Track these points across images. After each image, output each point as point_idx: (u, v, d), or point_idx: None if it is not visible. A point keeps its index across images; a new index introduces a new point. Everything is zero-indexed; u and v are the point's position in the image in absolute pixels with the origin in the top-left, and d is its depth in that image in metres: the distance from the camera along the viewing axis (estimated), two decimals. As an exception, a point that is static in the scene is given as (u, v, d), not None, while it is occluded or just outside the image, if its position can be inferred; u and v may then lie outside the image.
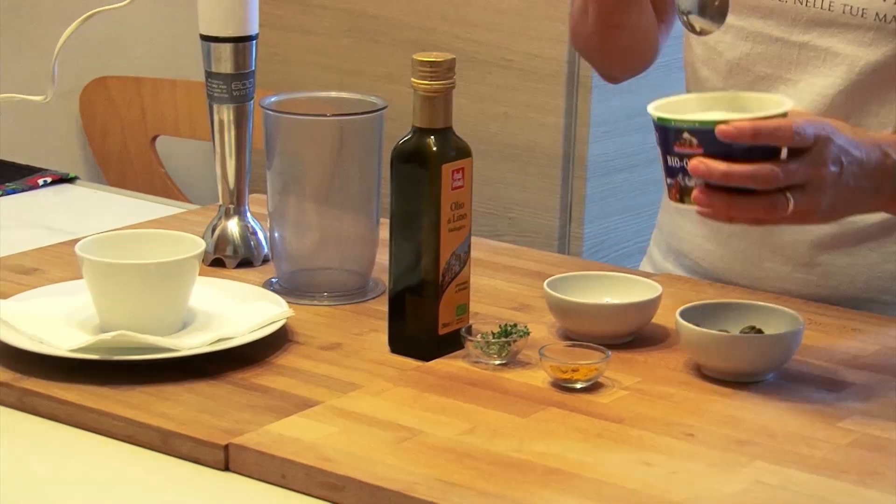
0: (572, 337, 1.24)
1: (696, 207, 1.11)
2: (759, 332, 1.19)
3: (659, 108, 1.13)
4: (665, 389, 1.16)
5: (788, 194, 1.11)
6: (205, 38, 1.39)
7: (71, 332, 1.21)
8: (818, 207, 1.13)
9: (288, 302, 1.28)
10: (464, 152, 1.20)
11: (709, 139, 1.09)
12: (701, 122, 1.10)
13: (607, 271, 1.33)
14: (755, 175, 1.10)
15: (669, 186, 1.13)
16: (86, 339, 1.18)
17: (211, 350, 1.19)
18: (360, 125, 1.33)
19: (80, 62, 2.37)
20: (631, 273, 1.34)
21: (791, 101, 1.16)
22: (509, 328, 1.20)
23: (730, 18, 1.32)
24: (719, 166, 1.09)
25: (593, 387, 1.16)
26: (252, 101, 1.41)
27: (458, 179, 1.20)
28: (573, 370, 1.15)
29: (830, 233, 1.36)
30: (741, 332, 1.19)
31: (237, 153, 1.41)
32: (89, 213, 1.64)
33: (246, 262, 1.42)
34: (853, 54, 1.31)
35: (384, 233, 1.25)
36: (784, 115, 1.13)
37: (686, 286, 1.38)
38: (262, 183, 1.36)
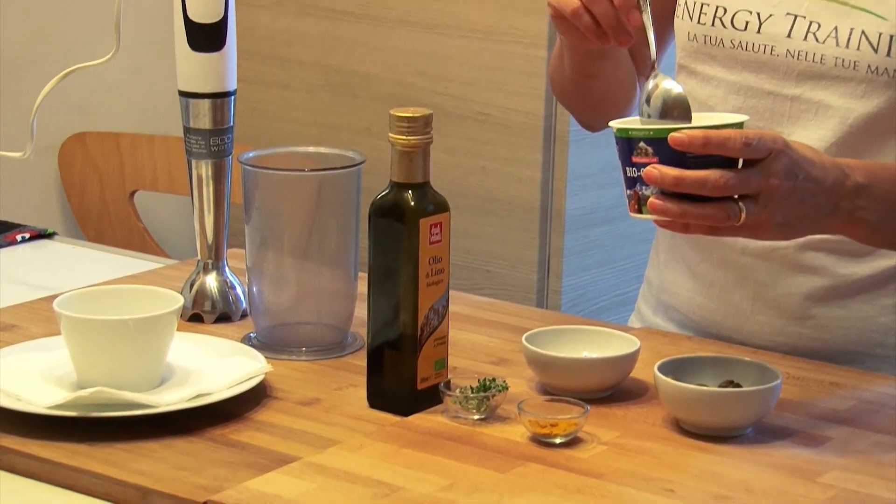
0: (551, 391, 1.24)
1: (653, 217, 1.14)
2: (738, 386, 1.19)
3: (621, 124, 1.16)
4: (644, 444, 1.16)
5: (741, 204, 1.13)
6: (183, 94, 1.39)
7: (49, 388, 1.20)
8: (772, 220, 1.15)
9: (266, 357, 1.27)
10: (441, 207, 1.21)
11: (663, 148, 1.12)
12: (656, 132, 1.13)
13: (586, 325, 1.33)
14: (705, 181, 1.12)
15: (629, 199, 1.16)
16: (64, 395, 1.18)
17: (189, 406, 1.18)
18: (339, 180, 1.33)
19: (59, 118, 2.37)
20: (609, 327, 1.35)
21: (748, 117, 1.17)
22: (488, 383, 1.20)
23: (721, 72, 1.36)
24: (671, 172, 1.12)
25: (573, 442, 1.15)
26: (230, 157, 1.41)
27: (436, 234, 1.20)
28: (552, 425, 1.15)
29: (824, 286, 1.35)
30: (719, 386, 1.19)
31: (216, 208, 1.42)
32: (68, 268, 1.63)
33: (224, 317, 1.42)
34: (845, 107, 1.31)
35: (363, 287, 1.25)
36: (739, 125, 1.15)
37: (664, 340, 1.38)
38: (241, 237, 1.36)
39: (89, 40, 2.39)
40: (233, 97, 1.40)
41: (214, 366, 1.25)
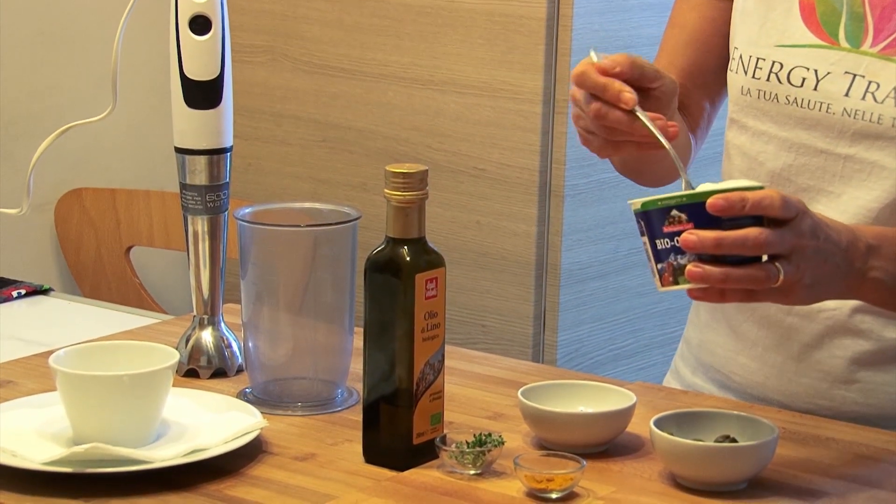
0: (547, 446, 1.24)
1: (690, 286, 1.13)
2: (734, 441, 1.19)
3: (645, 198, 1.15)
4: (640, 499, 1.16)
5: (777, 264, 1.13)
6: (179, 151, 1.40)
7: (44, 444, 1.20)
8: (802, 281, 1.14)
9: (262, 412, 1.28)
10: (437, 262, 1.21)
11: (698, 212, 1.12)
12: (689, 197, 1.13)
13: (582, 380, 1.33)
14: (745, 240, 1.12)
15: (661, 272, 1.14)
16: (59, 451, 1.18)
17: (185, 462, 1.18)
18: (334, 235, 1.34)
19: (56, 174, 2.38)
20: (605, 382, 1.35)
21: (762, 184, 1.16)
22: (484, 437, 1.20)
23: (774, 128, 1.36)
24: (711, 234, 1.12)
25: (569, 496, 1.15)
26: (227, 212, 1.42)
27: (432, 289, 1.21)
28: (548, 480, 1.15)
29: (870, 349, 1.34)
30: (715, 441, 1.19)
31: (211, 264, 1.42)
32: (63, 324, 1.63)
33: (220, 373, 1.42)
34: None
35: (358, 342, 1.26)
36: (761, 187, 1.15)
37: (660, 395, 1.38)
38: (237, 292, 1.37)
39: (86, 97, 2.40)
40: (229, 153, 1.41)
41: (210, 421, 1.25)
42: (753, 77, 1.36)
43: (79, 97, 2.41)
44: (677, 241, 1.12)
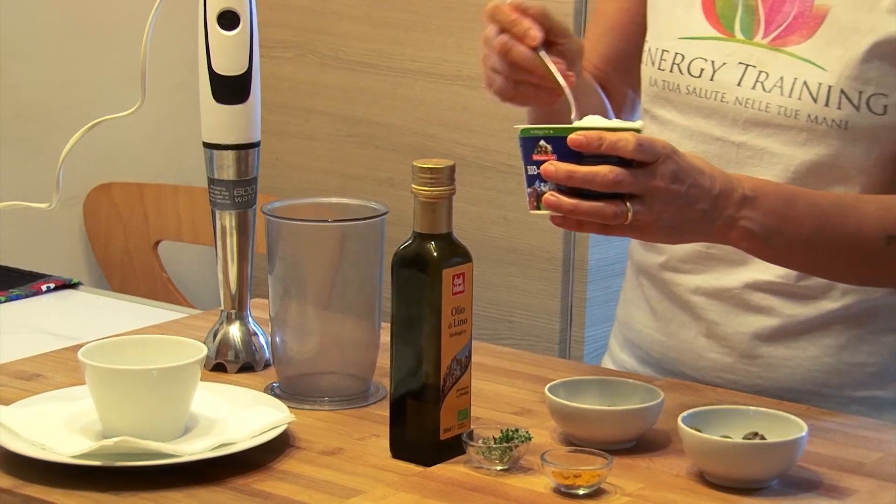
0: (574, 442, 1.23)
1: (548, 213, 1.21)
2: (762, 438, 1.18)
3: (525, 125, 1.22)
4: (668, 496, 1.15)
5: (628, 203, 1.20)
6: (207, 146, 1.40)
7: (73, 437, 1.20)
8: (658, 222, 1.21)
9: (289, 407, 1.28)
10: (464, 257, 1.21)
11: (561, 146, 1.20)
12: (555, 130, 1.20)
13: (609, 376, 1.33)
14: (595, 175, 1.19)
15: (529, 196, 1.22)
16: (88, 445, 1.18)
17: (213, 455, 1.18)
18: (362, 230, 1.33)
19: (85, 169, 2.39)
20: (633, 378, 1.34)
21: (643, 124, 1.24)
22: (511, 433, 1.20)
23: (677, 117, 1.43)
24: (565, 167, 1.19)
25: (596, 493, 1.15)
26: (254, 207, 1.42)
27: (459, 284, 1.20)
28: (576, 476, 1.14)
29: (770, 325, 1.40)
30: (744, 437, 1.19)
31: (239, 258, 1.42)
32: (92, 318, 1.64)
33: (247, 367, 1.42)
34: (788, 154, 1.36)
35: (385, 337, 1.26)
36: (637, 130, 1.21)
37: (688, 392, 1.38)
38: (264, 287, 1.37)
39: (115, 92, 2.41)
40: (257, 148, 1.41)
41: (238, 415, 1.25)
42: (659, 68, 1.43)
43: (108, 92, 2.42)
44: (540, 168, 1.20)
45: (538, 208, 1.21)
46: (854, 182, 1.36)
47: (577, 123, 1.22)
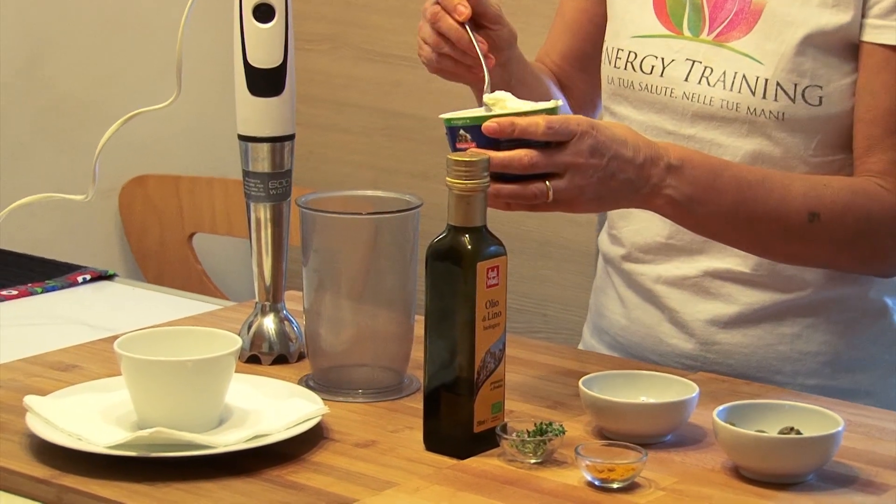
0: (608, 436, 1.23)
1: None
2: (798, 433, 1.18)
3: (449, 115, 1.25)
4: (703, 490, 1.15)
5: (548, 182, 1.24)
6: (242, 138, 1.41)
7: (109, 428, 1.21)
8: (583, 195, 1.25)
9: (323, 399, 1.28)
10: (499, 250, 1.21)
11: (478, 134, 1.23)
12: (472, 119, 1.24)
13: (644, 370, 1.33)
14: (511, 160, 1.23)
15: None
16: (123, 435, 1.18)
17: (247, 447, 1.18)
18: (396, 223, 1.33)
19: (120, 161, 2.40)
20: (668, 372, 1.34)
21: (561, 102, 1.27)
22: (545, 427, 1.19)
23: (633, 113, 1.48)
24: (483, 153, 1.21)
25: (630, 487, 1.15)
26: (289, 200, 1.42)
27: (494, 277, 1.20)
28: (610, 470, 1.14)
29: (728, 313, 1.45)
30: (779, 432, 1.18)
31: (274, 251, 1.42)
32: (128, 309, 1.65)
33: (281, 359, 1.42)
34: (733, 145, 1.41)
35: (419, 330, 1.26)
36: (553, 109, 1.25)
37: (723, 386, 1.37)
38: (299, 279, 1.37)
39: (151, 85, 2.42)
40: (292, 141, 1.42)
41: (272, 407, 1.25)
42: (615, 66, 1.48)
43: (143, 85, 2.43)
44: None
45: None
46: (797, 171, 1.40)
47: (486, 97, 1.27)
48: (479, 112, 1.26)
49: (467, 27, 1.35)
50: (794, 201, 1.34)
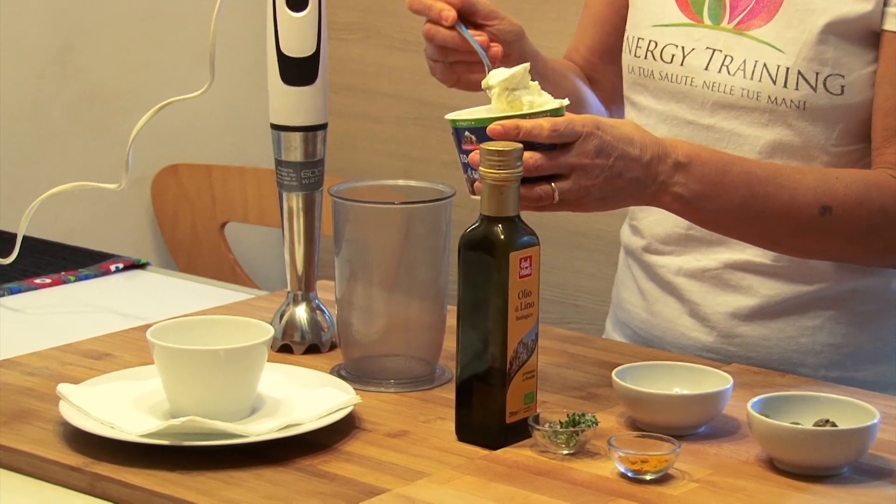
0: (641, 427, 1.23)
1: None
2: (833, 425, 1.17)
3: (460, 114, 1.26)
4: (737, 482, 1.14)
5: (553, 185, 1.24)
6: (275, 128, 1.41)
7: (141, 417, 1.21)
8: (589, 196, 1.25)
9: (355, 388, 1.28)
10: (532, 240, 1.21)
11: (483, 136, 1.23)
12: (476, 121, 1.24)
13: (677, 361, 1.32)
14: None
15: (466, 182, 1.26)
16: (156, 424, 1.19)
17: (279, 436, 1.19)
18: (428, 213, 1.33)
19: (153, 150, 2.41)
20: (702, 363, 1.33)
21: (567, 101, 1.27)
22: (577, 417, 1.19)
23: (652, 103, 1.48)
24: None
25: (663, 478, 1.14)
26: (321, 189, 1.43)
27: (526, 268, 1.20)
28: (643, 461, 1.14)
29: (748, 305, 1.44)
30: (814, 424, 1.17)
31: (306, 240, 1.43)
32: (160, 298, 1.65)
33: (313, 349, 1.42)
34: (753, 135, 1.41)
35: (452, 320, 1.25)
36: (558, 110, 1.25)
37: (757, 378, 1.36)
38: (331, 269, 1.37)
39: (183, 73, 2.43)
40: (324, 130, 1.42)
41: (304, 397, 1.26)
42: (635, 56, 1.48)
43: (176, 73, 2.44)
44: (469, 158, 1.24)
45: (474, 193, 1.24)
46: (818, 162, 1.39)
47: (484, 82, 1.26)
48: (484, 113, 1.26)
49: (460, 28, 1.35)
50: (805, 195, 1.33)
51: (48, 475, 1.18)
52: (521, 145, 1.21)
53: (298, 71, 1.38)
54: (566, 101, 1.27)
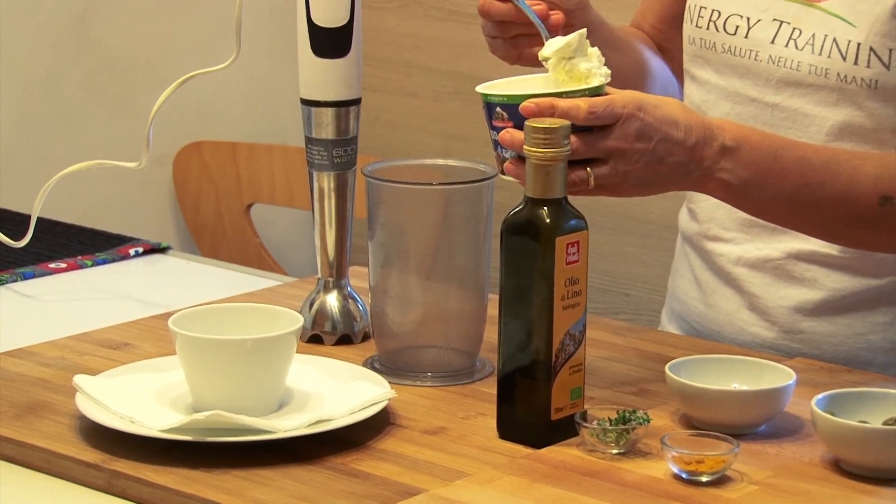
0: (697, 425, 1.22)
1: (511, 178, 1.25)
2: (904, 423, 1.17)
3: (493, 87, 1.26)
4: (800, 485, 1.14)
5: (589, 169, 1.23)
6: (305, 103, 1.41)
7: (162, 410, 1.22)
8: (628, 181, 1.25)
9: (390, 382, 1.28)
10: (579, 224, 1.21)
11: (516, 114, 1.22)
12: (509, 98, 1.24)
13: (735, 354, 1.32)
14: None
15: (496, 160, 1.27)
16: (178, 418, 1.20)
17: (309, 433, 1.19)
18: (469, 194, 1.33)
19: (175, 126, 2.42)
20: (761, 357, 1.33)
21: (607, 81, 1.25)
22: (628, 415, 1.19)
23: (714, 77, 1.46)
24: (520, 136, 1.21)
25: (720, 480, 1.14)
26: (354, 169, 1.43)
27: (573, 253, 1.20)
28: (698, 462, 1.14)
29: (813, 299, 1.43)
30: (883, 423, 1.17)
31: (338, 223, 1.43)
32: (182, 284, 1.66)
33: (345, 339, 1.43)
34: (821, 115, 1.39)
35: (493, 309, 1.26)
36: (598, 88, 1.24)
37: (822, 373, 1.36)
38: (364, 255, 1.37)
39: (207, 45, 2.44)
40: (358, 106, 1.42)
41: (335, 391, 1.26)
42: (696, 26, 1.46)
43: (200, 44, 2.45)
44: (498, 136, 1.24)
45: (503, 172, 1.25)
46: (889, 146, 1.37)
47: (541, 54, 1.27)
48: (517, 89, 1.25)
49: None
50: (863, 183, 1.32)
51: (63, 472, 1.19)
52: (568, 122, 1.20)
53: (330, 42, 1.39)
54: (607, 78, 1.26)
